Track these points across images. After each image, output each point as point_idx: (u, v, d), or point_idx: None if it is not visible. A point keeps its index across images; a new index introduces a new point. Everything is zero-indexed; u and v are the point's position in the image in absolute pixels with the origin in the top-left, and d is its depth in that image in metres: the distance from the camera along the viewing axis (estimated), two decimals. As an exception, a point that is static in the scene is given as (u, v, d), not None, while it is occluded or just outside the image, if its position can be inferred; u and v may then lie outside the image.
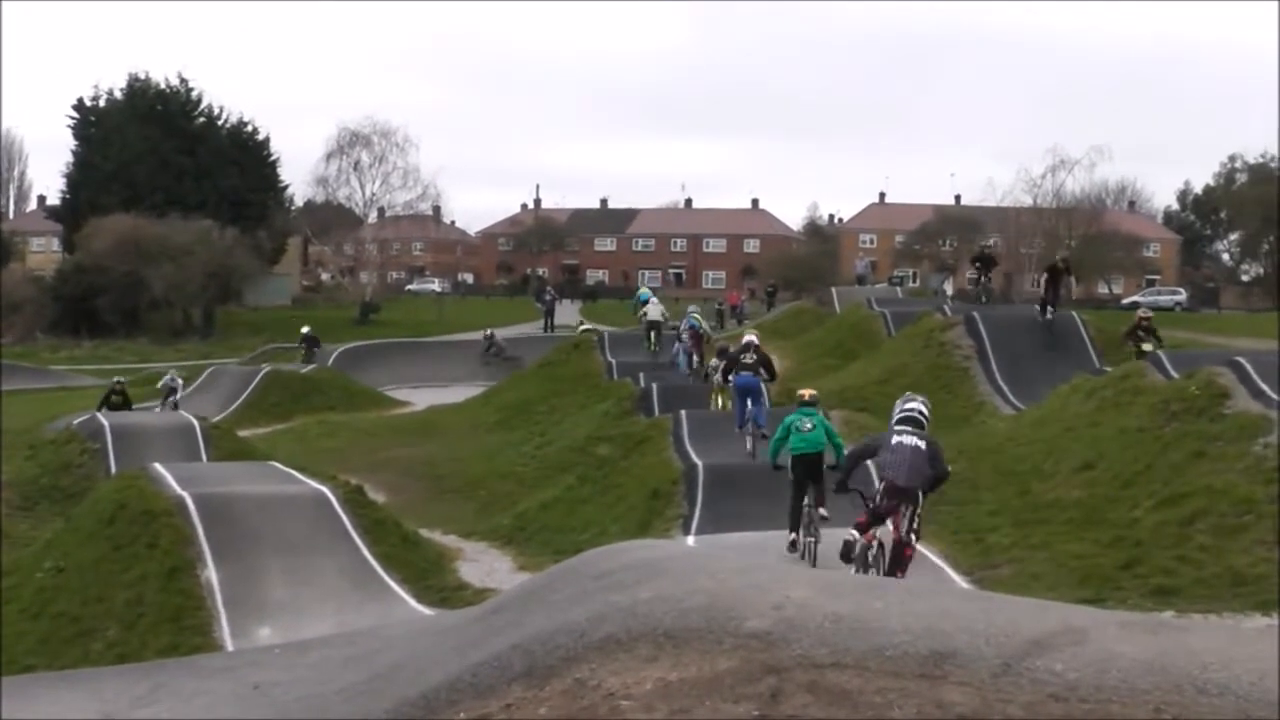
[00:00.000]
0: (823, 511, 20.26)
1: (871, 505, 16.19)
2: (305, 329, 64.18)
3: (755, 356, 28.40)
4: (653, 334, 49.74)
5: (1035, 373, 36.69)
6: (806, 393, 21.97)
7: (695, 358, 42.23)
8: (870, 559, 15.94)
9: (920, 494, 15.88)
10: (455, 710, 5.98)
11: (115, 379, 44.04)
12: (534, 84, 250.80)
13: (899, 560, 15.63)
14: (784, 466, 20.72)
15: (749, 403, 28.06)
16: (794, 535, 20.50)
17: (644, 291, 54.92)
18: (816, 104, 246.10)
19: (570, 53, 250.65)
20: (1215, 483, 20.51)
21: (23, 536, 28.83)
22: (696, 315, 45.79)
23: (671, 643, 5.75)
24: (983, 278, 45.88)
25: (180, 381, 48.48)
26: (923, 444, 16.01)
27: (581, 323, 70.21)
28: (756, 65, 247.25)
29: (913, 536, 15.87)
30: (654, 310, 51.00)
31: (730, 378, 28.79)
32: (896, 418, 16.57)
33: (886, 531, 15.79)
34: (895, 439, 16.12)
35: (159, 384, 48.09)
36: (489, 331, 68.62)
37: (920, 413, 16.48)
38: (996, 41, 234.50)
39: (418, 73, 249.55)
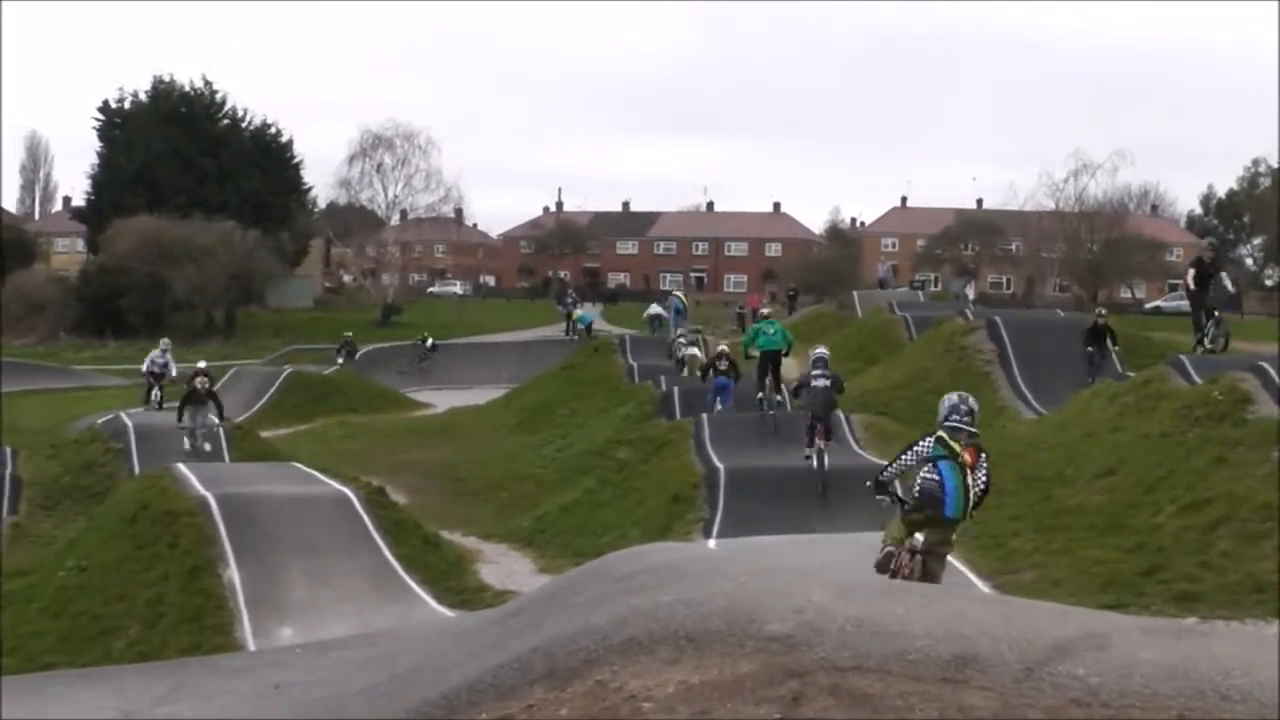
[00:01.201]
0: (778, 397, 30.80)
1: (807, 425, 25.97)
2: (201, 363, 59.91)
3: (728, 363, 35.66)
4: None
5: (1057, 377, 36.59)
6: (767, 311, 34.29)
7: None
8: (818, 464, 25.36)
9: (830, 414, 26.19)
10: (476, 711, 5.99)
11: (199, 364, 37.51)
12: (556, 86, 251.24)
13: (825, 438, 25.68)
14: (754, 356, 30.88)
15: (722, 397, 34.97)
16: (761, 393, 30.97)
17: (583, 313, 61.56)
18: (838, 107, 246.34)
19: (592, 55, 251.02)
20: (1238, 488, 20.42)
21: (45, 535, 28.94)
22: (678, 295, 56.58)
23: (693, 645, 5.76)
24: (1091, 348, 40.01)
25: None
26: (829, 382, 26.09)
27: (421, 337, 69.20)
28: (777, 68, 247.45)
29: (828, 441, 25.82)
30: (655, 309, 57.66)
31: (707, 375, 36.78)
32: (811, 362, 26.59)
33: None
34: (814, 383, 25.99)
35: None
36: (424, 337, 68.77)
37: (825, 358, 26.84)
38: (1016, 44, 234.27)
39: (440, 75, 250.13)
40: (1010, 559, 20.92)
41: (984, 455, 13.74)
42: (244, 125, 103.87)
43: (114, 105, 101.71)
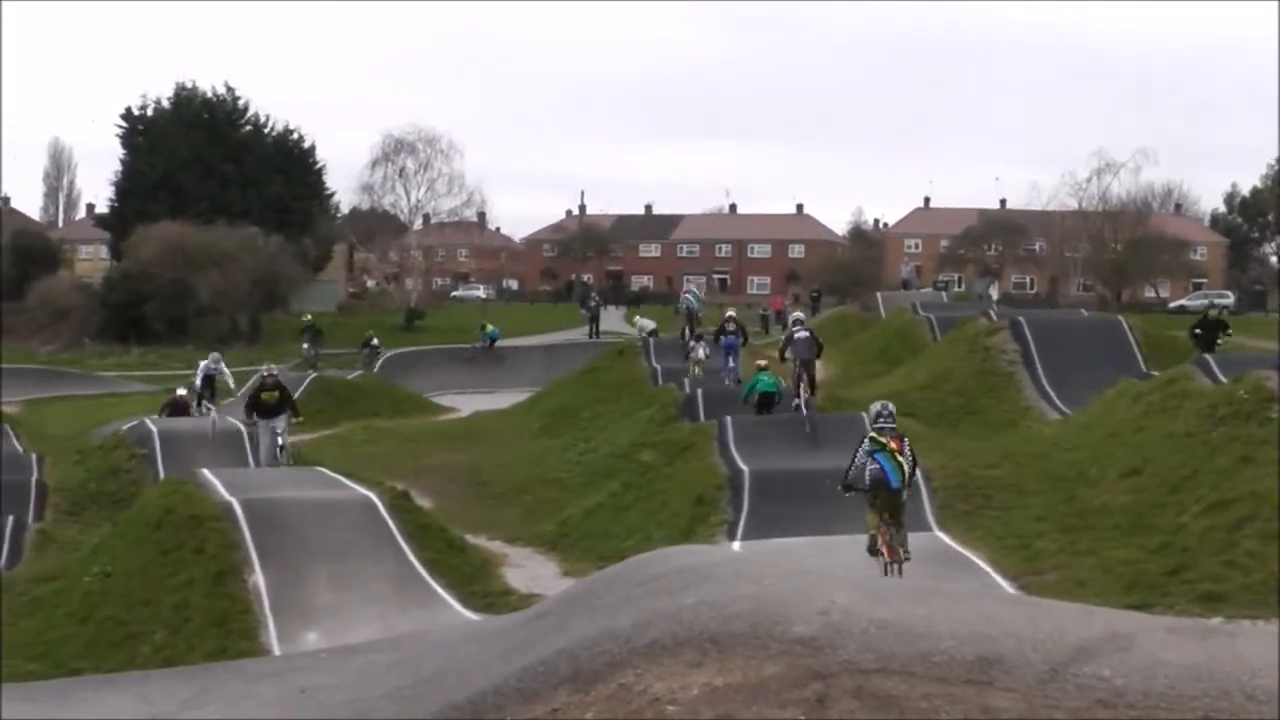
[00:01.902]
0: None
1: (796, 374, 32.47)
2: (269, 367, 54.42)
3: (735, 326, 41.91)
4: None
5: (1081, 377, 36.50)
6: (763, 362, 36.01)
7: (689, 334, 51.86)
8: (807, 411, 31.36)
9: (812, 361, 32.92)
10: (501, 714, 5.99)
11: (266, 367, 35.74)
12: (577, 89, 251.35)
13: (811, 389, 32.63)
14: (751, 402, 32.83)
15: (730, 357, 41.28)
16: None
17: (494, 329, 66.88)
18: (860, 108, 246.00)
19: (613, 57, 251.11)
20: (1262, 488, 20.35)
21: (71, 541, 29.00)
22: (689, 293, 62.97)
23: (717, 648, 5.75)
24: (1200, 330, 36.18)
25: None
26: (808, 333, 33.51)
27: (366, 337, 68.48)
28: (799, 69, 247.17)
29: (812, 386, 32.80)
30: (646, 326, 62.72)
31: (720, 339, 42.35)
32: (790, 321, 37.09)
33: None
34: (796, 335, 33.23)
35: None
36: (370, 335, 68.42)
37: (802, 318, 37.08)
38: (1038, 43, 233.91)
39: (461, 80, 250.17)
40: (1035, 559, 20.88)
41: (905, 440, 18.87)
42: (266, 131, 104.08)
43: (137, 112, 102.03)
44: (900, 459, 18.52)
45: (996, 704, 5.14)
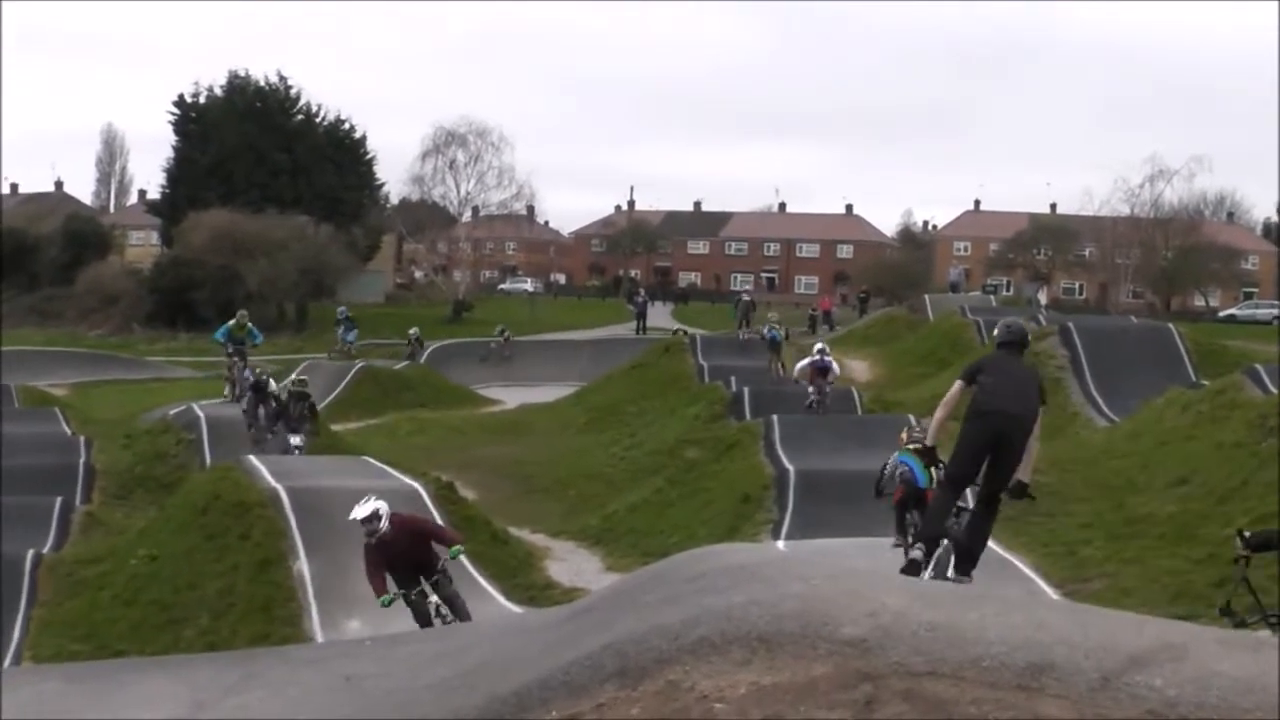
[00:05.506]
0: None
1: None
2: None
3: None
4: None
5: (1130, 385, 36.33)
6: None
7: None
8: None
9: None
10: (547, 708, 5.99)
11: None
12: (630, 86, 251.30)
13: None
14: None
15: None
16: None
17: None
18: (912, 110, 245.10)
19: (667, 57, 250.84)
20: (1312, 500, 20.22)
21: (117, 524, 29.17)
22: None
23: (765, 647, 5.73)
24: None
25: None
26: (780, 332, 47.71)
27: (340, 313, 67.42)
28: (851, 71, 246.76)
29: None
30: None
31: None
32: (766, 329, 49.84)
33: None
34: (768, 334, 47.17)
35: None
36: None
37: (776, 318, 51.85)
38: (1093, 47, 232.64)
39: (514, 74, 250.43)
40: (1081, 567, 20.79)
41: None
42: (318, 121, 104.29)
43: (190, 100, 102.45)
44: None
45: (1046, 711, 5.11)
